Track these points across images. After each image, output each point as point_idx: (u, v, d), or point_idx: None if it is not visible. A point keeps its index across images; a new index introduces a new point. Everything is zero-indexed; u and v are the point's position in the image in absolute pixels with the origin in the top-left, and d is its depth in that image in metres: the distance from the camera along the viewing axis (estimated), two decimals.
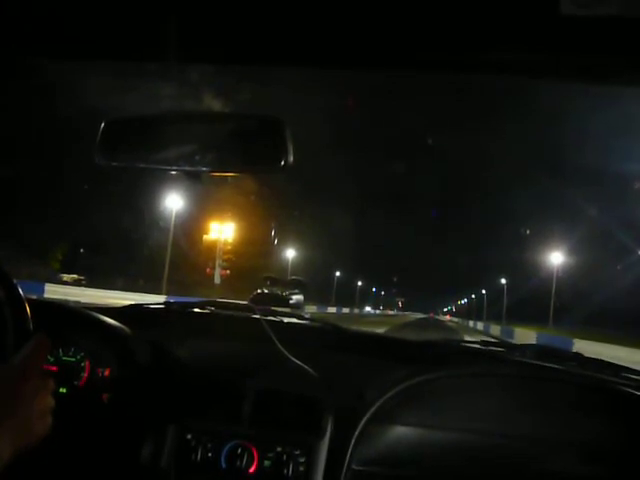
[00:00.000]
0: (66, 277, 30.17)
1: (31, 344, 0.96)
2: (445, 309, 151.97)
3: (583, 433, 1.42)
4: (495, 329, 37.08)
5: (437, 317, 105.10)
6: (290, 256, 44.25)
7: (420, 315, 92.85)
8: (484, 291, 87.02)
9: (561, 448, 1.42)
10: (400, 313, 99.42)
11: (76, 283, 28.42)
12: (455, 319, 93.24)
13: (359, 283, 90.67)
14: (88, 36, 1.09)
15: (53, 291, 19.95)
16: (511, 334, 27.97)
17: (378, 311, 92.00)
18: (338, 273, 66.76)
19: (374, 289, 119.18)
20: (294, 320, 1.88)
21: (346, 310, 48.81)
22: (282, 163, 1.10)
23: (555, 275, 33.74)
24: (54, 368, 1.52)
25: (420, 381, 1.45)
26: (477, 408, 1.46)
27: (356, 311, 64.94)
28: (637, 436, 1.40)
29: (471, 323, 62.69)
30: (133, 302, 2.06)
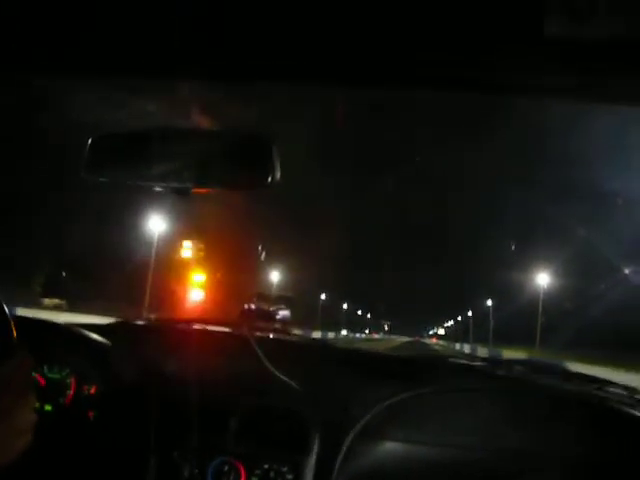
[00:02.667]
0: (47, 301, 29.72)
1: (13, 361, 0.95)
2: (431, 332, 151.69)
3: (568, 447, 1.44)
4: (482, 352, 35.82)
5: (423, 340, 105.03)
6: (275, 279, 44.10)
7: (406, 338, 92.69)
8: (470, 313, 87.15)
9: (545, 463, 1.43)
10: (386, 337, 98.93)
11: (56, 307, 28.00)
12: (441, 342, 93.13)
13: (344, 306, 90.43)
14: (77, 52, 1.09)
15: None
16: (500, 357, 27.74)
17: (364, 335, 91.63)
18: (323, 296, 66.66)
19: (359, 312, 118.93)
20: (281, 336, 1.89)
21: (331, 335, 48.18)
22: (269, 179, 1.12)
23: (541, 297, 33.91)
24: (42, 381, 1.52)
25: (405, 397, 1.47)
26: (463, 423, 1.48)
27: (343, 334, 63.99)
28: (620, 450, 1.42)
29: (457, 346, 61.92)
30: None
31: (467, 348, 48.32)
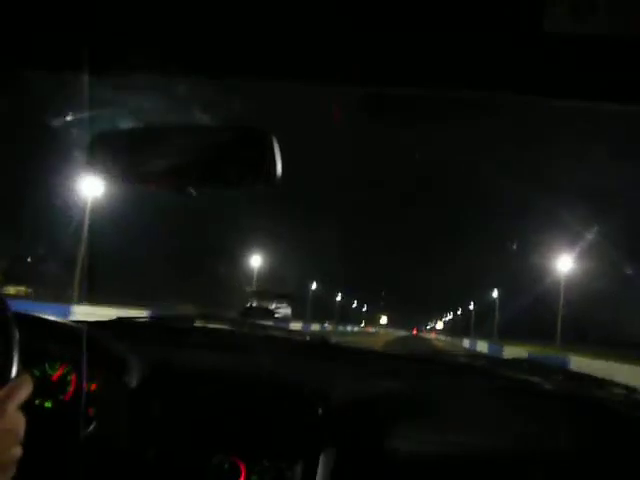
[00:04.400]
0: (12, 289, 29.39)
1: (9, 386, 0.92)
2: (428, 326, 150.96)
3: (568, 448, 1.49)
4: (513, 352, 23.58)
5: (421, 334, 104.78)
6: (257, 265, 43.71)
7: (403, 332, 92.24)
8: (471, 306, 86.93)
9: (546, 463, 1.48)
10: (382, 330, 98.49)
11: (21, 295, 27.72)
12: (442, 337, 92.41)
13: (338, 298, 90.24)
14: (75, 49, 1.10)
15: None
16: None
17: (357, 328, 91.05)
18: (314, 286, 66.03)
19: (354, 304, 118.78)
20: (281, 333, 1.98)
21: (316, 327, 45.43)
22: (270, 176, 1.16)
23: (562, 285, 32.14)
24: (55, 377, 1.61)
25: (407, 395, 1.56)
26: (464, 422, 1.54)
27: (329, 327, 60.98)
28: (622, 452, 1.46)
29: (466, 342, 49.71)
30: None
31: (483, 346, 37.18)
